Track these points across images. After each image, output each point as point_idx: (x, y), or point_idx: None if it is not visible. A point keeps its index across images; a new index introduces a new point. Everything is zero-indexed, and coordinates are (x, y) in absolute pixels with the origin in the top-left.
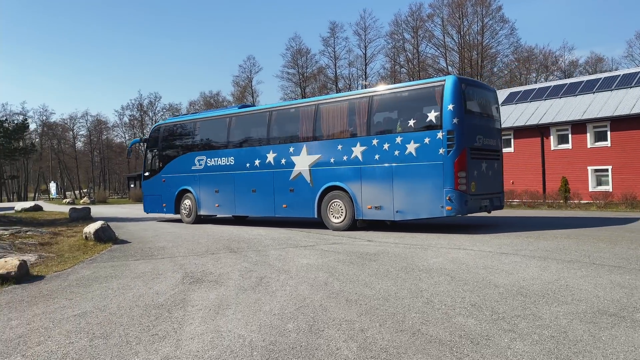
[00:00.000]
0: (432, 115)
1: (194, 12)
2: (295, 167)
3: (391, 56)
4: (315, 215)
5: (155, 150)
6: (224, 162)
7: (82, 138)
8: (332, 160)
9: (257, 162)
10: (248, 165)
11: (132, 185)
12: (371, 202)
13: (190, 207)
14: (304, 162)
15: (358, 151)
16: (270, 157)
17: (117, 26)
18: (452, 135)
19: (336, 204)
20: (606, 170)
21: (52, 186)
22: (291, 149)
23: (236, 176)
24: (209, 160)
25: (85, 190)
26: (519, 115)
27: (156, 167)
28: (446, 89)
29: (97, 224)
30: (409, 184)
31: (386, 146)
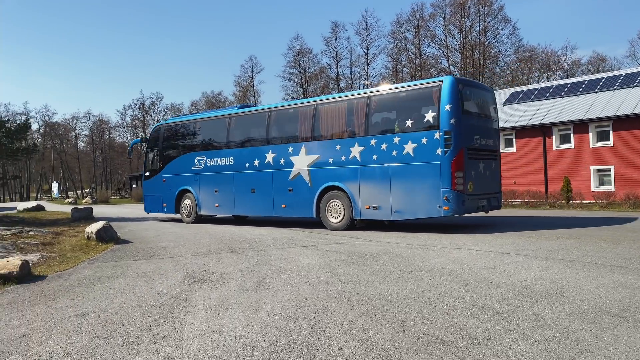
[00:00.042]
0: (430, 115)
1: (196, 12)
2: (294, 167)
3: (393, 56)
4: (314, 215)
5: (156, 151)
6: (223, 162)
7: (84, 138)
8: (331, 160)
9: (257, 162)
10: (247, 165)
11: (134, 185)
12: (369, 202)
13: (190, 207)
14: (302, 162)
15: (356, 151)
16: (270, 157)
17: (119, 26)
18: (450, 136)
19: (335, 204)
20: (608, 170)
21: (55, 186)
22: (290, 149)
23: (236, 176)
24: (208, 160)
25: (87, 190)
26: (521, 115)
27: (157, 167)
28: (443, 89)
29: (99, 224)
30: (407, 184)
31: (384, 146)
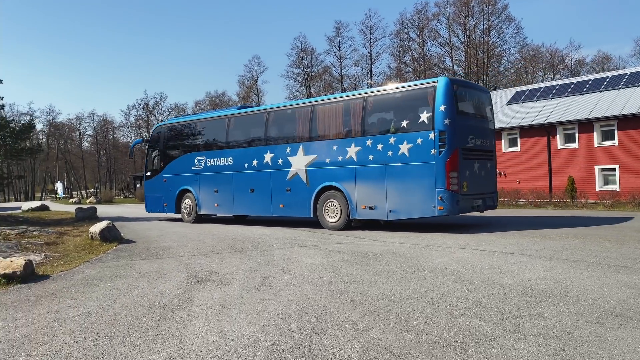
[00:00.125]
0: (425, 116)
1: (199, 12)
2: (292, 167)
3: (397, 55)
4: (312, 215)
5: (157, 151)
6: (223, 162)
7: (88, 138)
8: (328, 160)
9: (255, 162)
10: (246, 165)
11: (138, 185)
12: (365, 202)
13: (190, 207)
14: (300, 162)
15: (352, 151)
16: (268, 157)
17: (123, 27)
18: (444, 136)
19: (331, 203)
20: (613, 170)
21: (59, 186)
22: (288, 150)
23: (235, 176)
24: (208, 161)
25: (91, 190)
26: (525, 114)
27: (158, 167)
28: (438, 90)
29: (103, 224)
30: (402, 184)
31: (380, 147)
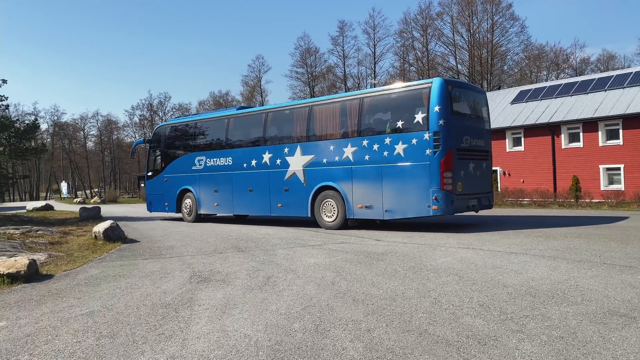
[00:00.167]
0: (420, 116)
1: (204, 12)
2: (289, 167)
3: (400, 55)
4: (309, 215)
5: (158, 151)
6: (222, 162)
7: (92, 138)
8: (325, 160)
9: (254, 162)
10: (245, 165)
11: (142, 185)
12: (362, 202)
13: (190, 206)
14: (298, 162)
15: (349, 152)
16: (266, 157)
17: (127, 27)
18: (438, 136)
19: (329, 203)
20: (618, 169)
21: (64, 186)
22: (286, 150)
23: (234, 176)
24: (208, 161)
25: (96, 190)
26: (530, 113)
27: (159, 167)
28: (433, 91)
29: (107, 224)
30: (398, 184)
31: (376, 147)
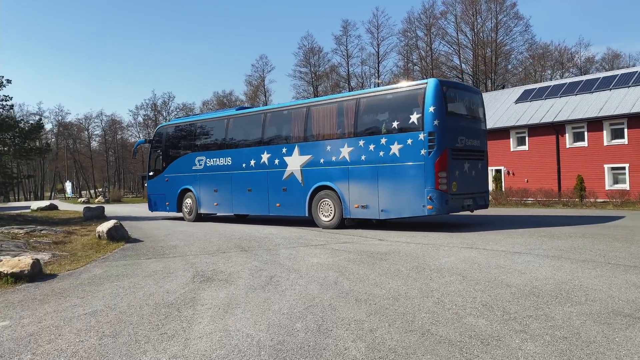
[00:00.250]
0: (415, 117)
1: (207, 12)
2: (287, 167)
3: (404, 54)
4: (306, 214)
5: (159, 151)
6: (222, 162)
7: (97, 138)
8: (322, 160)
9: (253, 162)
10: (244, 165)
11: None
12: (358, 202)
13: (191, 206)
14: (295, 162)
15: (346, 152)
16: (265, 157)
17: (131, 27)
18: (433, 137)
19: (326, 203)
20: (623, 168)
21: (68, 185)
22: (284, 150)
23: (233, 176)
24: (208, 161)
25: (100, 190)
26: (534, 112)
27: (160, 167)
28: (427, 91)
29: (110, 223)
30: (393, 183)
31: (372, 147)
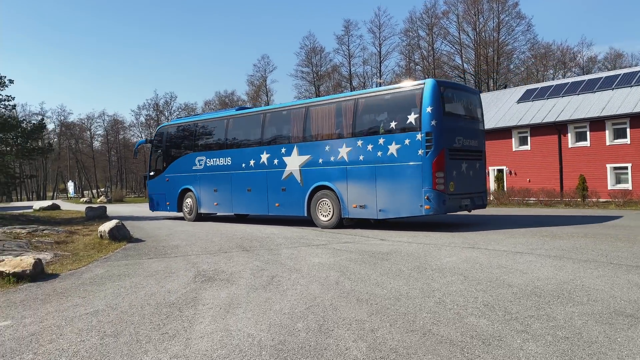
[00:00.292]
0: (412, 117)
1: (208, 11)
2: (286, 167)
3: (406, 54)
4: (305, 214)
5: (160, 151)
6: (221, 162)
7: (99, 138)
8: (321, 160)
9: (252, 162)
10: (244, 165)
11: None
12: (356, 201)
13: (191, 206)
14: (294, 162)
15: (344, 152)
16: (264, 157)
17: (133, 27)
18: (430, 137)
19: (324, 202)
20: (625, 168)
21: (70, 185)
22: (283, 150)
23: (233, 176)
24: (208, 161)
25: (102, 189)
26: (536, 112)
27: (160, 167)
28: (425, 92)
29: (112, 223)
30: (391, 183)
31: (370, 147)
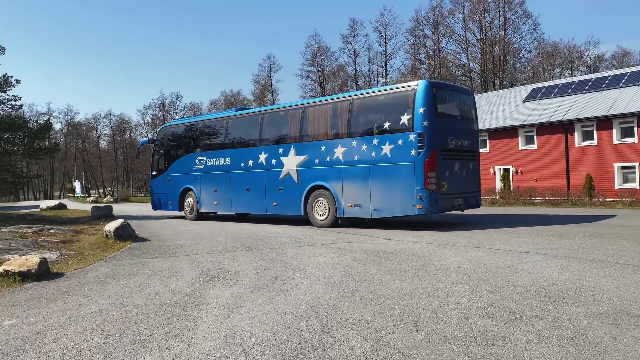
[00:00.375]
0: (405, 118)
1: (214, 11)
2: (284, 167)
3: (412, 53)
4: (302, 213)
5: (162, 151)
6: (221, 162)
7: (105, 137)
8: (317, 160)
9: (251, 162)
10: (243, 165)
11: None
12: (351, 201)
13: (192, 205)
14: (292, 162)
15: (339, 152)
16: (262, 157)
17: (139, 27)
18: (423, 137)
19: (320, 202)
20: (633, 167)
21: (77, 185)
22: (281, 150)
23: (232, 175)
24: (208, 161)
25: (109, 189)
26: (543, 111)
27: (162, 166)
28: (417, 93)
29: (118, 222)
30: (385, 183)
31: (364, 147)
